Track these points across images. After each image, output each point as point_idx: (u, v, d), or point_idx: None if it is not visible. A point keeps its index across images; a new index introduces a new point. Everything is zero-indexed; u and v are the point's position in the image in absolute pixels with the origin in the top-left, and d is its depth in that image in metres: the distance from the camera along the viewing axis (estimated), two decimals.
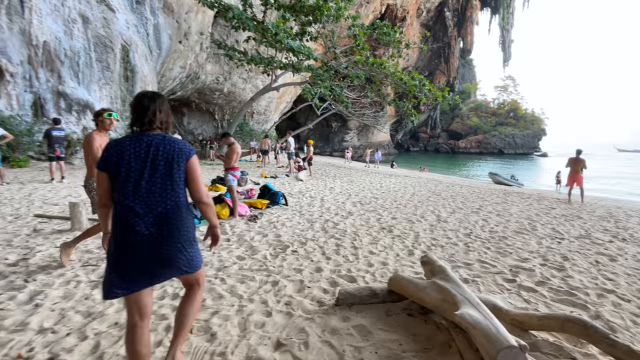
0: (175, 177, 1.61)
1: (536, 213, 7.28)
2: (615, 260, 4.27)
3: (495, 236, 5.17)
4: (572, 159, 9.52)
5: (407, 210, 6.75)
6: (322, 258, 3.89)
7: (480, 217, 6.55)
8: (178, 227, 1.63)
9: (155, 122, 1.64)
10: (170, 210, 1.60)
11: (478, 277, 3.56)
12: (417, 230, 5.23)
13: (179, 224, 1.63)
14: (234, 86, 21.97)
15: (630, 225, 6.58)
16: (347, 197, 7.98)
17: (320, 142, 36.64)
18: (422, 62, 37.91)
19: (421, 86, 14.37)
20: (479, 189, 11.77)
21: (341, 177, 12.80)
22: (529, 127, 56.87)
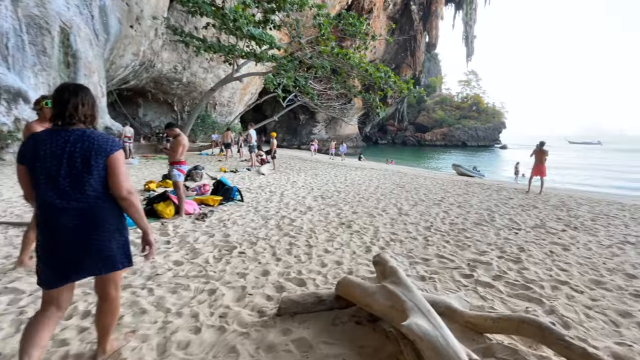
0: (95, 174, 1.59)
1: (495, 204, 7.37)
2: (568, 250, 4.29)
3: (455, 228, 5.08)
4: (537, 150, 9.80)
5: (369, 204, 6.56)
6: (272, 259, 3.55)
7: (441, 209, 6.49)
8: (99, 222, 1.63)
9: (76, 116, 1.60)
10: (92, 206, 1.61)
11: (436, 273, 3.39)
12: (377, 225, 5.03)
13: (100, 219, 1.63)
14: (194, 76, 20.84)
15: (581, 213, 6.81)
16: (309, 192, 7.68)
17: (288, 135, 36.02)
18: (389, 55, 38.19)
19: (386, 78, 14.27)
20: (442, 180, 11.91)
21: (306, 170, 12.48)
22: (490, 121, 59.54)
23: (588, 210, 7.25)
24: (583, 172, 27.89)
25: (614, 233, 5.28)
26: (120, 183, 1.65)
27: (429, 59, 68.37)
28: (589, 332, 2.43)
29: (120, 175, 1.65)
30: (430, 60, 72.22)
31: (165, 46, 18.41)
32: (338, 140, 33.53)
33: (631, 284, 3.30)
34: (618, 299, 2.96)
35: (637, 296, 3.04)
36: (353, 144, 38.56)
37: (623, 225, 5.92)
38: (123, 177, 1.66)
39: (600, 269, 3.67)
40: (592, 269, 3.68)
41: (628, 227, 5.82)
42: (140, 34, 15.22)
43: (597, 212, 7.07)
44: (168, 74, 19.40)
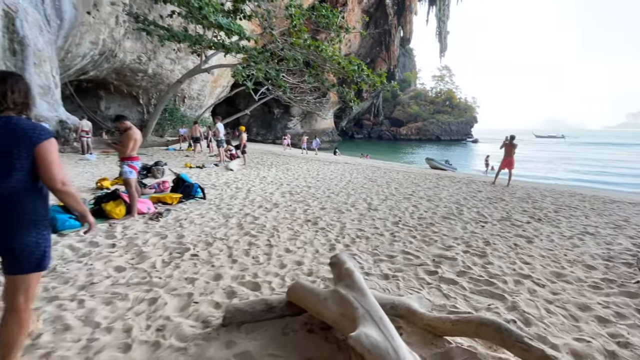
0: (16, 164, 1.51)
1: (464, 197, 7.41)
2: (531, 242, 4.30)
3: (423, 223, 5.00)
4: (507, 144, 9.99)
5: (338, 199, 6.39)
6: (227, 261, 3.29)
7: (411, 203, 6.43)
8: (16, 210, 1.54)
9: (4, 103, 1.54)
10: (13, 193, 1.52)
11: (400, 271, 3.25)
12: (344, 221, 4.86)
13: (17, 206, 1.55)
14: (161, 67, 19.88)
15: (545, 205, 6.97)
16: (278, 187, 7.41)
17: (262, 130, 35.32)
18: (364, 49, 38.17)
19: (359, 71, 14.15)
20: (414, 174, 11.97)
21: (278, 165, 12.17)
22: (462, 115, 61.21)
23: (552, 202, 7.44)
24: (548, 164, 29.24)
25: (575, 224, 5.39)
26: (52, 174, 1.57)
27: (403, 54, 69.16)
28: (549, 328, 2.36)
29: (52, 165, 1.56)
30: (405, 55, 73.09)
31: (128, 35, 17.37)
32: (312, 134, 33.34)
33: (590, 276, 3.30)
34: (578, 292, 2.93)
35: (596, 288, 3.04)
36: (329, 138, 38.42)
37: (583, 216, 6.09)
38: (55, 167, 1.58)
39: (561, 261, 3.67)
40: (554, 261, 3.68)
41: (588, 217, 5.98)
42: (99, 21, 14.25)
43: (560, 203, 7.27)
44: (132, 64, 18.36)
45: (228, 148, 11.54)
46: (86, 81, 19.02)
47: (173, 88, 16.31)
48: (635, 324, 2.44)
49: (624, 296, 2.86)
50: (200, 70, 15.71)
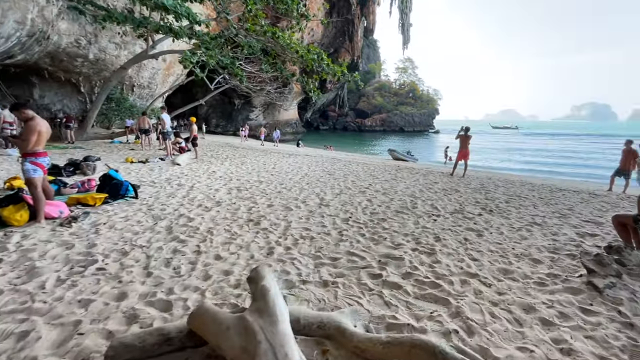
0: None
1: (420, 189, 7.32)
2: (481, 236, 4.19)
3: (375, 219, 4.75)
4: (462, 135, 10.06)
5: (289, 195, 6.00)
6: (141, 275, 2.80)
7: (366, 197, 6.19)
8: None
9: None
10: None
11: (342, 275, 2.94)
12: (291, 220, 4.48)
13: None
14: (104, 52, 18.16)
15: (497, 195, 7.04)
16: (226, 183, 6.87)
17: (222, 121, 33.87)
18: (328, 38, 37.66)
19: (319, 60, 13.74)
20: (374, 166, 11.86)
21: (233, 158, 11.51)
22: (425, 107, 62.92)
23: (504, 192, 7.56)
24: (503, 154, 30.78)
25: (524, 215, 5.42)
26: None
27: (368, 45, 69.47)
28: (493, 337, 2.15)
29: None
30: (370, 46, 73.48)
31: (63, 15, 15.57)
32: (275, 126, 32.57)
33: (536, 271, 3.19)
34: (523, 290, 2.78)
35: (541, 284, 2.91)
36: (293, 129, 37.77)
37: (532, 205, 6.18)
38: None
39: (509, 255, 3.56)
40: (502, 255, 3.55)
41: (536, 207, 6.08)
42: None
43: (511, 193, 7.39)
44: (69, 48, 16.55)
45: (177, 141, 10.69)
46: (14, 66, 16.93)
47: (116, 75, 14.97)
48: (579, 325, 2.30)
49: (568, 293, 2.75)
50: (147, 56, 14.50)
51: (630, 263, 3.05)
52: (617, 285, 2.72)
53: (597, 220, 5.24)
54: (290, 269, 3.01)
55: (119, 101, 20.80)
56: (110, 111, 20.25)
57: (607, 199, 7.58)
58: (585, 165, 23.43)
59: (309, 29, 34.00)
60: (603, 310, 2.49)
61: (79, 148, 11.45)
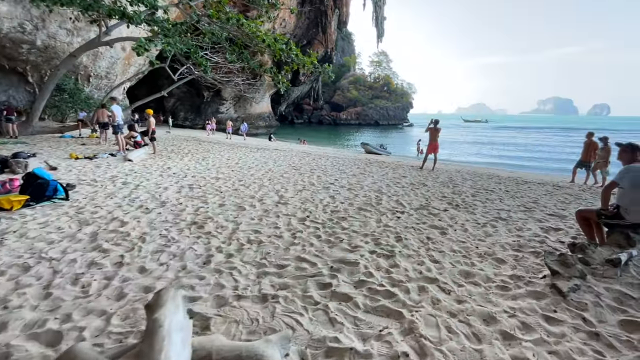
0: None
1: (387, 184, 7.07)
2: (445, 234, 3.95)
3: (335, 217, 4.41)
4: (431, 128, 9.91)
5: (246, 193, 5.54)
6: (36, 296, 2.30)
7: (329, 193, 5.84)
8: None
9: None
10: None
11: (285, 287, 2.57)
12: (241, 221, 4.05)
13: None
14: (53, 39, 16.72)
15: (465, 189, 6.91)
16: (178, 180, 6.30)
17: (190, 114, 32.43)
18: (301, 30, 36.85)
19: (288, 50, 13.19)
20: (345, 159, 11.57)
21: (196, 153, 10.84)
22: (399, 101, 63.54)
23: (471, 185, 7.45)
24: (473, 147, 31.52)
25: (489, 209, 5.27)
26: None
27: (342, 38, 69.05)
28: (448, 358, 1.85)
29: None
30: (345, 39, 73.09)
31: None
32: (246, 119, 31.73)
33: (499, 272, 2.96)
34: (484, 297, 2.52)
35: (504, 288, 2.67)
36: (265, 123, 36.89)
37: (498, 199, 6.07)
38: None
39: (472, 255, 3.32)
40: (465, 256, 3.31)
41: (502, 201, 5.97)
42: None
43: (478, 187, 7.30)
44: (11, 33, 15.07)
45: (131, 135, 9.87)
46: None
47: (65, 63, 13.73)
48: (542, 338, 2.05)
49: (531, 298, 2.52)
50: (100, 43, 13.37)
51: (594, 262, 2.88)
52: (581, 288, 2.52)
53: (560, 214, 5.17)
54: (226, 282, 2.60)
55: (73, 92, 19.26)
56: (63, 103, 18.73)
57: (570, 190, 7.66)
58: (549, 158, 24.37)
59: (280, 19, 33.07)
60: (567, 317, 2.26)
61: (22, 143, 10.35)
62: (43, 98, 13.11)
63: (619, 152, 3.42)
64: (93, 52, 20.96)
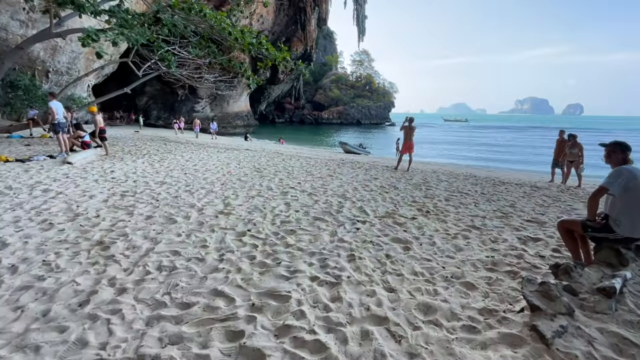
0: None
1: (355, 187, 6.44)
2: (408, 249, 3.33)
3: (283, 230, 3.73)
4: (406, 127, 9.39)
5: (188, 201, 4.79)
6: None
7: (285, 200, 5.15)
8: None
9: None
10: None
11: (178, 340, 1.86)
12: (161, 239, 3.31)
13: None
14: (5, 31, 15.46)
15: (438, 192, 6.36)
16: (113, 186, 5.46)
17: (164, 113, 30.99)
18: (279, 27, 35.94)
19: (258, 45, 12.43)
20: (318, 160, 10.91)
21: (155, 154, 9.92)
22: (381, 100, 63.55)
23: (446, 187, 6.93)
24: (452, 147, 31.50)
25: (463, 215, 4.71)
26: None
27: (324, 37, 68.48)
28: None
29: None
30: (326, 38, 72.58)
31: None
32: (215, 118, 30.68)
33: (467, 304, 2.35)
34: (445, 347, 1.90)
35: (471, 330, 2.06)
36: (244, 122, 35.83)
37: (473, 203, 5.55)
38: None
39: (437, 279, 2.71)
40: (428, 280, 2.70)
41: (477, 204, 5.45)
42: None
43: (453, 189, 6.78)
44: None
45: (78, 134, 8.87)
46: None
47: (10, 56, 12.46)
48: None
49: (506, 345, 1.91)
50: (51, 35, 12.19)
51: (582, 289, 2.31)
52: (568, 330, 1.93)
53: (539, 219, 4.68)
54: (95, 335, 1.87)
55: (28, 89, 17.85)
56: (17, 100, 17.31)
57: (549, 192, 7.27)
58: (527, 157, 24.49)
59: (257, 15, 32.10)
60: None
61: None
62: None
63: (607, 153, 2.88)
64: (51, 46, 19.57)
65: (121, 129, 23.34)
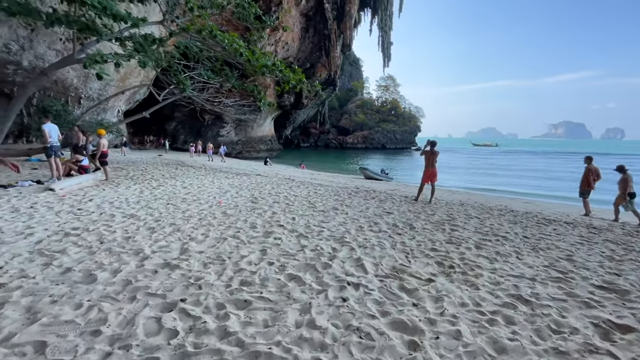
0: None
1: (360, 225, 5.23)
2: (415, 349, 2.09)
3: (232, 301, 2.61)
4: (427, 152, 8.14)
5: (138, 244, 3.80)
6: None
7: (267, 243, 4.06)
8: None
9: None
10: None
11: None
12: (43, 316, 2.29)
13: None
14: (41, 59, 16.06)
15: (466, 234, 5.01)
16: (67, 221, 4.63)
17: (191, 137, 31.49)
18: (304, 54, 36.30)
19: (272, 66, 11.93)
20: (330, 188, 9.81)
21: (156, 180, 9.28)
22: (407, 124, 62.26)
23: (476, 227, 5.55)
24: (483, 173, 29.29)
25: (501, 275, 3.38)
26: None
27: (350, 64, 69.30)
28: None
29: None
30: (352, 65, 73.47)
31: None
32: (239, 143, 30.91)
33: None
34: None
35: None
36: (267, 147, 35.72)
37: (514, 253, 4.17)
38: None
39: None
40: None
41: (520, 256, 4.06)
42: None
43: (486, 230, 5.39)
44: None
45: (76, 159, 8.44)
46: None
47: (35, 82, 12.64)
48: None
49: None
50: (74, 61, 12.29)
51: None
52: None
53: (616, 285, 3.25)
54: None
55: (59, 114, 18.48)
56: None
57: (613, 235, 5.67)
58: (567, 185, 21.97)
59: (283, 42, 32.58)
60: None
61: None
62: (8, 119, 11.98)
63: None
64: (84, 74, 20.40)
65: (147, 153, 23.74)
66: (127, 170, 11.59)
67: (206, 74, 12.54)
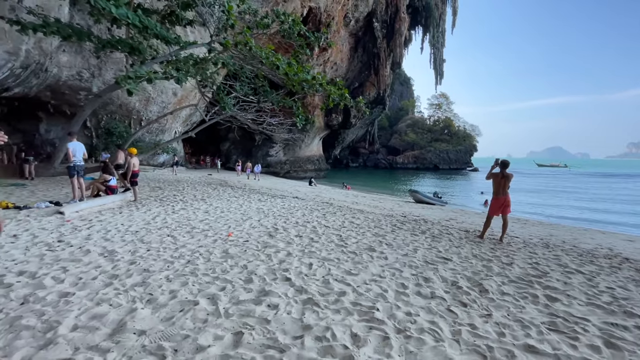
0: None
1: (401, 283, 3.73)
2: None
3: None
4: (496, 174, 6.27)
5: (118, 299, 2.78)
6: None
7: (248, 316, 2.78)
8: None
9: None
10: None
11: None
12: None
13: None
14: None
15: (577, 310, 3.22)
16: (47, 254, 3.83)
17: (242, 157, 32.22)
18: (353, 73, 35.71)
19: (312, 80, 11.10)
20: (369, 216, 8.33)
21: (186, 201, 8.67)
22: (461, 144, 58.00)
23: (587, 294, 3.65)
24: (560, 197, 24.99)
25: None
26: None
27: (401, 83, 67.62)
28: None
29: None
30: (403, 84, 71.71)
31: (65, 47, 14.74)
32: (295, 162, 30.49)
33: None
34: None
35: None
36: (314, 166, 35.10)
37: None
38: None
39: None
40: None
41: None
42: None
43: (605, 300, 3.52)
44: (70, 81, 15.66)
45: (104, 178, 8.13)
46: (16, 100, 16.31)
47: (90, 104, 13.31)
48: None
49: None
50: None
51: None
52: None
53: None
54: None
55: (122, 135, 19.76)
56: (112, 145, 19.18)
57: None
58: None
59: (331, 62, 32.33)
60: None
61: (19, 185, 9.53)
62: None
63: None
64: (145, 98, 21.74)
65: (199, 172, 24.44)
66: (164, 190, 11.29)
67: (242, 89, 12.05)
